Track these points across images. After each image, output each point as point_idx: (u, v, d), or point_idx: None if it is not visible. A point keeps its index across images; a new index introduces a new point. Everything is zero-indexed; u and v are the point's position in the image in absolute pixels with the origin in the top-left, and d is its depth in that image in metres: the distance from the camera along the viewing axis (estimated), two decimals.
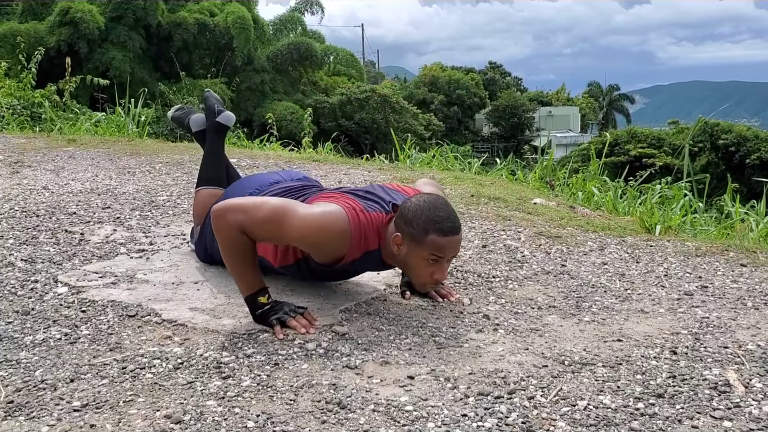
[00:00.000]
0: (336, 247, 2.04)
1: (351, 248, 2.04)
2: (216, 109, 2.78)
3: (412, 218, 1.97)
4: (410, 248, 1.99)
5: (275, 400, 1.61)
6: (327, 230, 2.00)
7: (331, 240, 2.02)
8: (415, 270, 2.03)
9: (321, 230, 1.99)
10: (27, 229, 2.98)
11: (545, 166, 6.08)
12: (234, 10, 27.02)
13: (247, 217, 1.96)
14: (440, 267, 2.01)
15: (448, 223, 1.96)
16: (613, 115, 54.97)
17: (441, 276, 2.03)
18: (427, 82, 38.36)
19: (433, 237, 1.95)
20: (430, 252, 1.97)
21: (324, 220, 2.00)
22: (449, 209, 2.01)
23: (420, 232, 1.95)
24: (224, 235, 1.99)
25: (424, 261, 1.99)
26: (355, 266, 2.18)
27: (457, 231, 1.99)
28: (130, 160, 4.97)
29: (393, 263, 2.13)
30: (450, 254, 2.01)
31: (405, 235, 1.98)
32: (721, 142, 20.46)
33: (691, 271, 2.68)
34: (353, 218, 2.02)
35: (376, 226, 2.06)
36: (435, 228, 1.95)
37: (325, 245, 2.04)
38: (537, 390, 1.67)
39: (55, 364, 1.79)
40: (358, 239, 2.03)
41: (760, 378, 1.73)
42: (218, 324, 2.06)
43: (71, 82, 8.52)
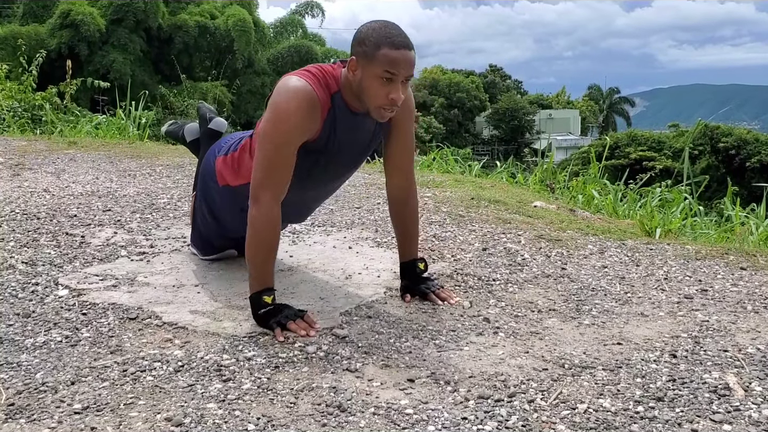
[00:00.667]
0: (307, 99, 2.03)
1: (320, 96, 2.05)
2: (208, 117, 2.83)
3: (364, 37, 2.01)
4: (364, 69, 2.00)
5: (275, 403, 1.61)
6: (291, 92, 2.02)
7: (299, 95, 2.02)
8: (370, 91, 2.02)
9: (288, 99, 2.01)
10: (28, 232, 2.98)
11: (545, 169, 6.08)
12: (234, 12, 27.08)
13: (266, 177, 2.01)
14: (395, 86, 2.00)
15: (399, 38, 1.99)
16: (613, 118, 55.01)
17: (396, 95, 2.01)
18: (428, 85, 38.41)
19: (385, 51, 1.96)
20: (383, 68, 1.98)
21: (285, 92, 2.03)
22: (401, 29, 2.03)
23: (372, 48, 1.98)
24: (261, 220, 2.02)
25: (378, 80, 1.99)
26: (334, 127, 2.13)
27: (410, 46, 2.00)
28: (131, 162, 4.97)
29: (355, 100, 2.10)
30: (403, 71, 2.00)
31: (359, 57, 2.01)
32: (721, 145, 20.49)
33: (691, 275, 2.68)
34: (303, 74, 2.07)
35: (328, 73, 2.10)
36: (386, 42, 1.97)
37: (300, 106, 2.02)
38: (537, 393, 1.68)
39: (56, 366, 1.79)
40: (319, 84, 2.06)
41: (759, 381, 1.74)
42: (219, 327, 2.06)
43: (72, 85, 8.52)
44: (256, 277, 2.05)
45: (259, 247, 2.05)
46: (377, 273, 2.61)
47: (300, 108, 2.02)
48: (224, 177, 2.37)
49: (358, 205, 3.76)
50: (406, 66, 2.00)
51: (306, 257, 2.80)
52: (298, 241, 3.02)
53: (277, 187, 2.05)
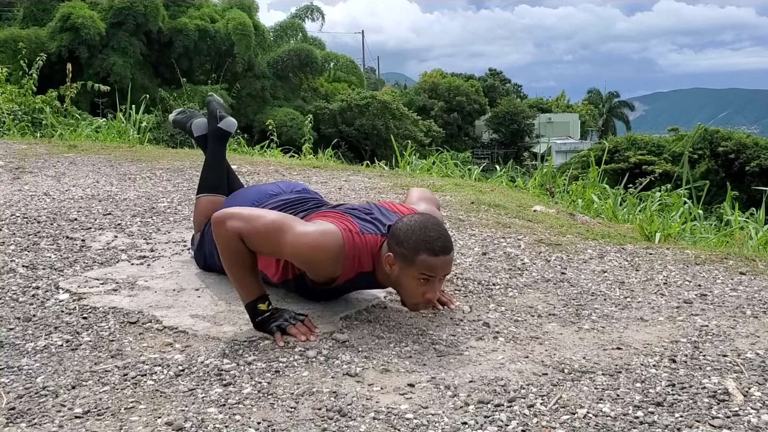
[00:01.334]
0: (329, 266, 2.05)
1: (345, 269, 2.06)
2: (218, 115, 2.77)
3: (403, 239, 1.98)
4: (401, 268, 1.99)
5: (276, 408, 1.62)
6: (322, 249, 2.01)
7: (325, 259, 2.03)
8: (407, 290, 2.03)
9: (316, 248, 2.01)
10: (28, 236, 2.99)
11: (545, 173, 6.09)
12: (235, 16, 27.11)
13: (246, 225, 1.98)
14: (431, 286, 2.00)
15: (438, 243, 1.97)
16: (612, 122, 55.05)
17: (432, 295, 2.02)
18: (428, 88, 38.45)
19: (423, 257, 1.95)
20: (420, 272, 1.97)
21: (319, 240, 2.01)
22: (440, 229, 2.01)
23: (411, 252, 1.96)
24: (223, 241, 2.01)
25: (415, 281, 1.99)
26: (350, 285, 2.20)
27: (448, 251, 1.99)
28: (131, 166, 4.98)
29: (386, 283, 2.13)
30: (441, 273, 2.01)
31: (396, 255, 1.99)
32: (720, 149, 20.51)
33: (691, 280, 2.68)
34: (348, 239, 2.03)
35: (370, 247, 2.07)
36: (425, 248, 1.95)
37: (318, 263, 2.06)
38: (537, 398, 1.68)
39: (57, 370, 1.79)
40: (352, 260, 2.05)
41: (759, 386, 1.74)
42: (219, 331, 2.07)
43: (72, 88, 8.53)
44: (242, 290, 2.05)
45: (234, 263, 2.03)
46: None
47: (320, 261, 2.04)
48: (268, 266, 2.29)
49: None
50: (444, 270, 2.01)
51: None
52: None
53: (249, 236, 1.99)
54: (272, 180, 4.59)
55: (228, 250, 2.02)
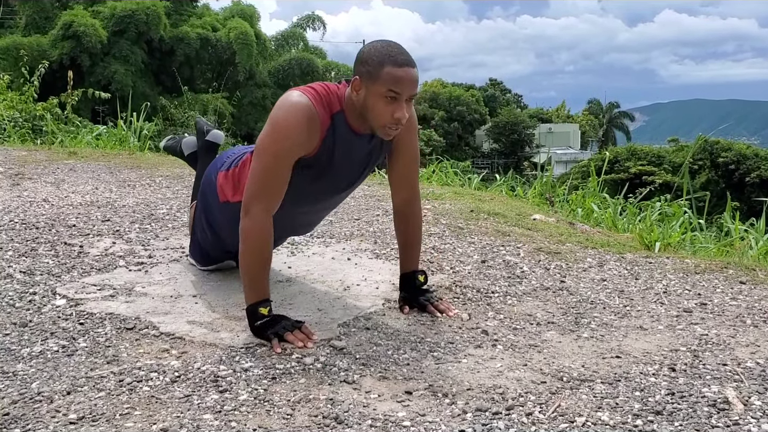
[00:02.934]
0: (306, 115, 2.03)
1: (320, 113, 2.05)
2: (205, 129, 2.87)
3: (367, 57, 2.01)
4: (368, 88, 2.01)
5: (272, 415, 1.61)
6: (291, 107, 2.03)
7: (299, 111, 2.02)
8: (375, 110, 2.03)
9: (287, 113, 2.02)
10: (26, 241, 2.98)
11: (545, 182, 6.09)
12: (236, 25, 27.19)
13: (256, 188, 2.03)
14: (399, 104, 2.01)
15: (402, 56, 2.00)
16: (613, 132, 55.15)
17: (401, 114, 2.02)
18: (428, 98, 38.54)
19: (388, 69, 1.97)
20: (387, 87, 1.98)
21: (285, 107, 2.04)
22: (404, 48, 2.04)
23: (375, 67, 1.98)
24: (253, 232, 2.03)
25: (382, 99, 2.00)
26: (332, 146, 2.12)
27: (412, 64, 2.01)
28: (131, 173, 4.98)
29: (357, 120, 2.09)
30: (407, 89, 2.00)
31: (362, 76, 2.01)
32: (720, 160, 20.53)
33: (690, 288, 2.67)
34: (306, 90, 2.08)
35: (332, 92, 2.10)
36: (389, 61, 1.98)
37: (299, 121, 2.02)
38: (535, 406, 1.67)
39: (52, 376, 1.78)
40: (320, 102, 2.06)
41: (759, 396, 1.73)
42: (216, 337, 2.05)
43: (73, 96, 8.55)
44: (251, 289, 2.05)
45: (253, 259, 2.04)
46: (376, 284, 2.60)
47: (298, 123, 2.02)
48: (224, 192, 2.36)
49: (357, 216, 3.76)
50: (410, 84, 2.01)
51: (304, 268, 2.79)
52: (296, 252, 3.02)
53: (270, 200, 2.05)
54: None
55: (254, 243, 2.03)
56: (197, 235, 2.62)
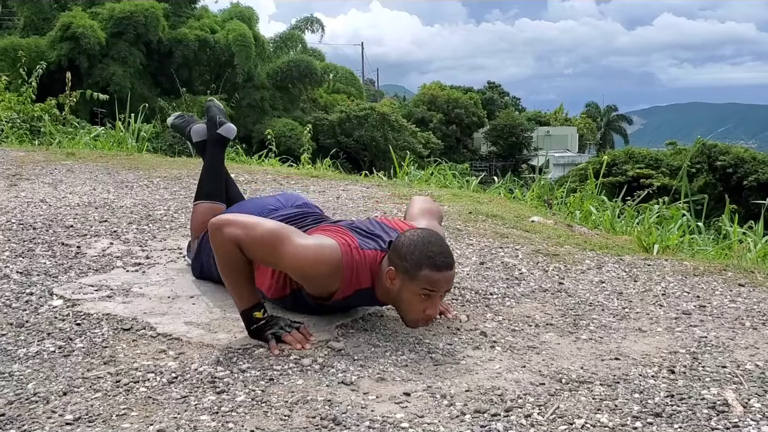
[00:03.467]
0: (327, 280, 2.04)
1: (343, 284, 2.04)
2: (218, 120, 2.77)
3: (405, 253, 1.96)
4: (403, 283, 1.98)
5: (269, 416, 1.60)
6: (320, 263, 2.00)
7: (323, 273, 2.01)
8: (407, 305, 2.01)
9: (314, 262, 1.99)
10: (23, 242, 2.97)
11: (543, 185, 6.08)
12: (235, 27, 27.20)
13: (244, 233, 1.96)
14: (432, 302, 1.99)
15: (441, 258, 1.96)
16: (611, 135, 55.21)
17: (433, 312, 2.01)
18: (426, 100, 38.55)
19: (426, 272, 1.94)
20: (422, 287, 1.95)
21: (318, 253, 2.00)
22: (443, 244, 2.00)
23: (413, 267, 1.95)
24: (220, 248, 2.00)
25: (416, 296, 1.98)
26: (348, 302, 2.17)
27: (451, 266, 1.98)
28: (128, 174, 4.97)
29: (386, 300, 2.11)
30: (443, 289, 1.99)
31: (398, 270, 1.98)
32: (718, 163, 20.54)
33: (689, 291, 2.67)
34: (346, 254, 2.02)
35: (369, 263, 2.05)
36: (428, 263, 1.94)
37: (316, 278, 2.04)
38: (534, 408, 1.66)
39: (48, 377, 1.77)
40: (350, 276, 2.03)
41: (758, 398, 1.72)
42: (213, 338, 2.05)
43: (71, 97, 8.53)
44: (238, 298, 2.04)
45: (230, 270, 2.01)
46: None
47: (317, 274, 2.02)
48: (262, 282, 2.25)
49: (355, 217, 3.74)
50: (446, 285, 2.00)
51: None
52: None
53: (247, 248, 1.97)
54: (269, 188, 4.58)
55: (225, 257, 2.00)
56: (202, 256, 2.53)
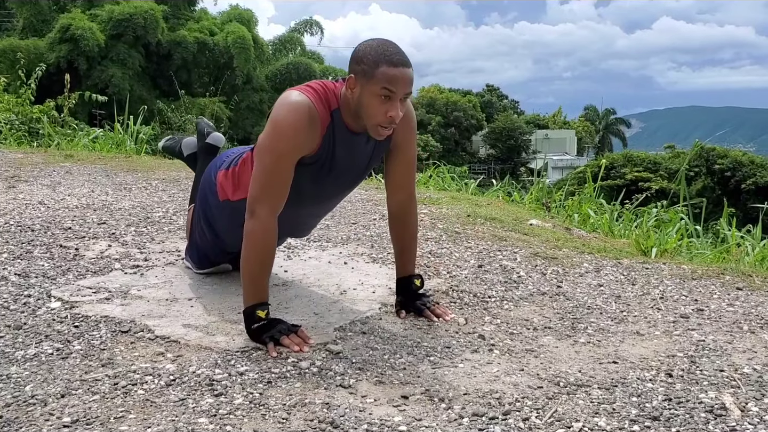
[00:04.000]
0: (307, 114, 2.03)
1: (320, 112, 2.05)
2: (206, 131, 2.86)
3: (362, 55, 2.01)
4: (363, 86, 2.00)
5: (267, 419, 1.60)
6: (292, 106, 2.02)
7: (299, 110, 2.02)
8: (369, 109, 2.02)
9: (288, 112, 2.02)
10: (21, 244, 2.97)
11: (541, 187, 6.09)
12: (234, 30, 27.23)
13: (260, 190, 2.02)
14: (393, 104, 2.00)
15: (397, 56, 1.99)
16: (609, 138, 55.28)
17: (395, 113, 2.01)
18: (425, 103, 38.59)
19: (383, 68, 1.97)
20: (381, 85, 1.97)
21: (286, 107, 2.03)
22: (399, 47, 2.03)
23: (371, 66, 1.98)
24: (257, 233, 2.02)
25: (377, 98, 1.99)
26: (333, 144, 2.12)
27: (408, 64, 2.01)
28: (127, 176, 4.97)
29: (353, 119, 2.09)
30: (401, 89, 2.00)
31: (357, 75, 2.01)
32: (717, 167, 20.57)
33: (687, 294, 2.67)
34: (305, 89, 2.07)
35: (330, 89, 2.10)
36: (385, 60, 1.97)
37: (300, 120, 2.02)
38: (532, 411, 1.66)
39: (46, 379, 1.77)
40: (320, 100, 2.06)
41: (756, 402, 1.72)
42: (211, 341, 2.05)
43: (70, 99, 8.53)
44: (251, 290, 2.04)
45: (255, 261, 2.04)
46: (372, 289, 2.60)
47: (299, 122, 2.02)
48: (224, 191, 2.36)
49: (354, 220, 3.75)
50: (405, 83, 2.01)
51: (301, 272, 2.78)
52: (293, 256, 3.01)
53: (274, 201, 2.04)
54: None
55: (257, 244, 2.03)
56: (195, 236, 2.61)
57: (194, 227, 2.61)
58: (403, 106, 2.06)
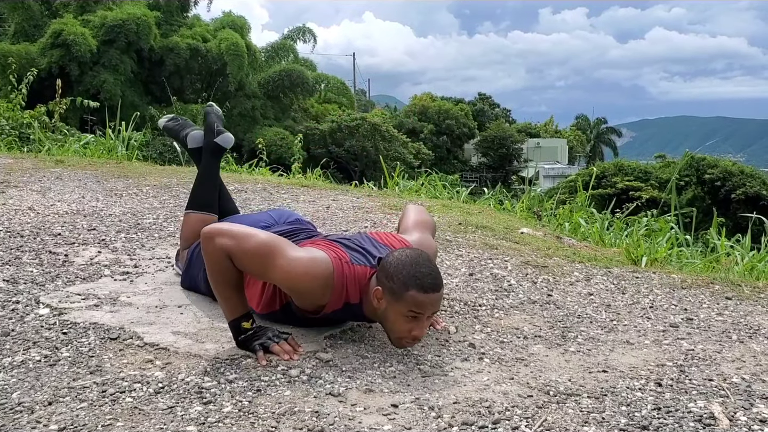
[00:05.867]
0: (317, 293, 2.02)
1: (332, 298, 2.03)
2: (216, 129, 2.73)
3: (393, 273, 1.95)
4: (389, 303, 1.96)
5: (256, 427, 1.59)
6: (310, 276, 1.99)
7: (313, 286, 2.00)
8: (393, 325, 1.99)
9: (305, 275, 1.98)
10: (10, 250, 2.95)
11: (533, 196, 6.10)
12: (227, 36, 27.21)
13: (235, 244, 1.97)
14: (419, 324, 1.97)
15: (428, 279, 1.93)
16: (600, 147, 55.50)
17: (419, 333, 1.98)
18: (417, 111, 38.64)
19: (413, 293, 1.92)
20: (408, 308, 1.93)
21: (309, 266, 1.99)
22: (431, 265, 1.98)
23: (400, 287, 1.93)
24: (211, 257, 2.00)
25: (402, 317, 1.95)
26: (336, 316, 2.15)
27: (438, 288, 1.96)
28: (118, 182, 4.95)
29: (373, 318, 2.10)
30: (429, 311, 1.97)
31: (385, 289, 1.96)
32: (707, 176, 20.66)
33: (677, 303, 2.68)
34: (338, 267, 2.01)
35: (359, 279, 2.04)
36: (415, 284, 1.92)
37: (306, 291, 2.03)
38: (521, 420, 1.66)
39: (34, 386, 1.76)
40: (340, 290, 2.02)
41: (744, 411, 1.73)
42: (201, 348, 2.04)
43: (61, 104, 8.50)
44: (227, 308, 2.03)
45: (221, 281, 2.01)
46: None
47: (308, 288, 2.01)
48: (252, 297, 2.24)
49: (345, 228, 3.75)
50: (433, 307, 1.98)
51: None
52: None
53: (238, 259, 1.98)
54: (259, 198, 4.57)
55: (215, 266, 2.00)
56: (192, 269, 2.52)
57: (192, 261, 2.52)
58: (428, 322, 2.02)
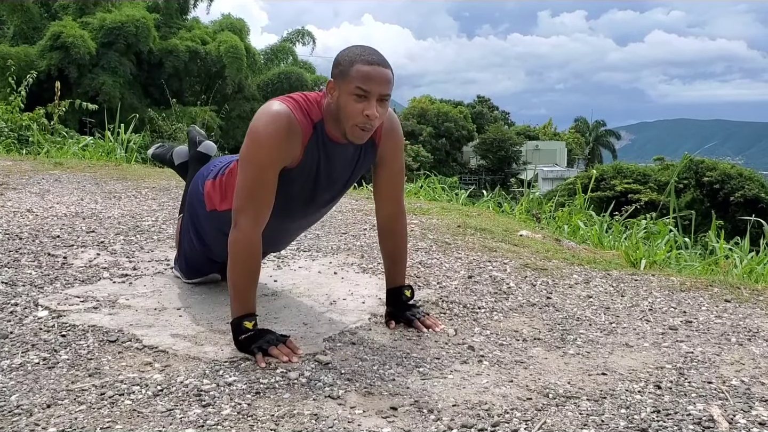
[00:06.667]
0: (287, 125, 2.02)
1: (301, 122, 2.04)
2: (197, 140, 2.85)
3: (340, 58, 2.02)
4: (340, 88, 2.00)
5: (255, 430, 1.59)
6: (271, 117, 2.02)
7: (279, 121, 2.02)
8: (346, 109, 2.01)
9: (267, 123, 2.01)
10: (9, 252, 2.95)
11: (532, 199, 6.11)
12: (226, 39, 27.21)
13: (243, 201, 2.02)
14: (369, 103, 1.99)
15: (373, 55, 2.00)
16: (599, 150, 55.58)
17: (371, 112, 1.99)
18: (416, 114, 38.69)
19: (358, 66, 1.97)
20: (356, 84, 1.97)
21: (265, 117, 2.03)
22: (377, 50, 2.04)
23: (347, 66, 1.99)
24: (241, 244, 2.02)
25: (352, 97, 1.98)
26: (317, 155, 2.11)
27: (384, 64, 2.00)
28: (117, 184, 4.95)
29: (335, 128, 2.07)
30: (376, 87, 1.98)
31: (335, 77, 2.02)
32: (705, 179, 20.69)
33: (676, 306, 2.68)
34: (285, 100, 2.08)
35: (312, 101, 2.09)
36: (360, 59, 1.98)
37: (280, 130, 2.02)
38: (521, 423, 1.66)
39: (32, 389, 1.75)
40: (301, 111, 2.05)
41: (743, 414, 1.73)
42: (200, 351, 2.03)
43: (60, 107, 8.50)
44: (238, 302, 2.03)
45: (240, 272, 2.03)
46: (362, 299, 2.59)
47: (278, 132, 2.01)
48: (212, 201, 2.36)
49: (344, 230, 3.75)
50: (380, 82, 1.99)
51: (290, 282, 2.78)
52: (282, 266, 3.00)
53: (258, 212, 2.03)
54: None
55: (242, 256, 2.02)
56: (184, 246, 2.60)
57: (183, 237, 2.60)
58: (381, 107, 2.03)
